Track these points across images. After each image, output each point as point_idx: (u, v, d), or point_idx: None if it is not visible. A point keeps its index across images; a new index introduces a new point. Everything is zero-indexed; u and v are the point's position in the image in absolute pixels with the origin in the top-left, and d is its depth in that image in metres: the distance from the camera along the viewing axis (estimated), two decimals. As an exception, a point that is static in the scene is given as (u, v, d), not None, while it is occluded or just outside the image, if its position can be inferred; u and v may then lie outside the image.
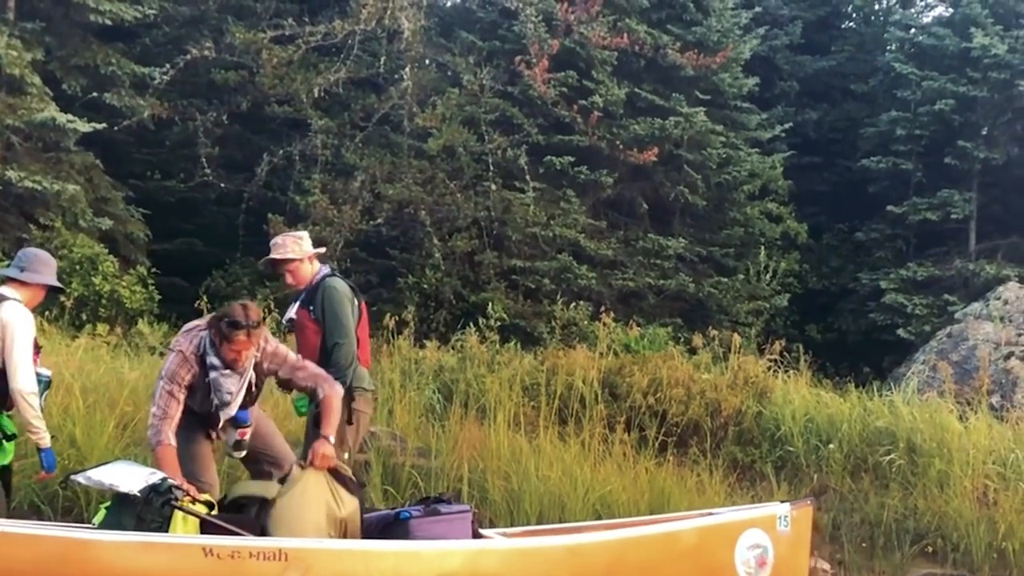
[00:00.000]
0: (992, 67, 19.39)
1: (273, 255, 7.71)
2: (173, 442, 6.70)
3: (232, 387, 6.90)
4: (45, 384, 7.04)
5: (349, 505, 6.66)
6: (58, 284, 7.34)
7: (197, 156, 17.40)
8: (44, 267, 7.13)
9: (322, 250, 8.13)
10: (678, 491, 10.15)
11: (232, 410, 6.95)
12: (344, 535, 6.56)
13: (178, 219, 18.90)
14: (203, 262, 17.95)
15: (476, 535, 6.94)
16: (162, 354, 12.65)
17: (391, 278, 16.81)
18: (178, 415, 6.76)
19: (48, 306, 12.02)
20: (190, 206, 19.06)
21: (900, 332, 18.86)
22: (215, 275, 17.37)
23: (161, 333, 14.55)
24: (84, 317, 14.55)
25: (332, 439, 6.75)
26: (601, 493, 9.71)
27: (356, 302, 7.72)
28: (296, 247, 7.77)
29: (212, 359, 6.82)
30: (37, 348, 7.00)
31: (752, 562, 7.00)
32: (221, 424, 6.99)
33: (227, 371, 6.85)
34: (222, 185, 17.55)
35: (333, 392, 6.96)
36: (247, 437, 7.08)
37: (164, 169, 18.74)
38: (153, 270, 16.39)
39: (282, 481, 6.62)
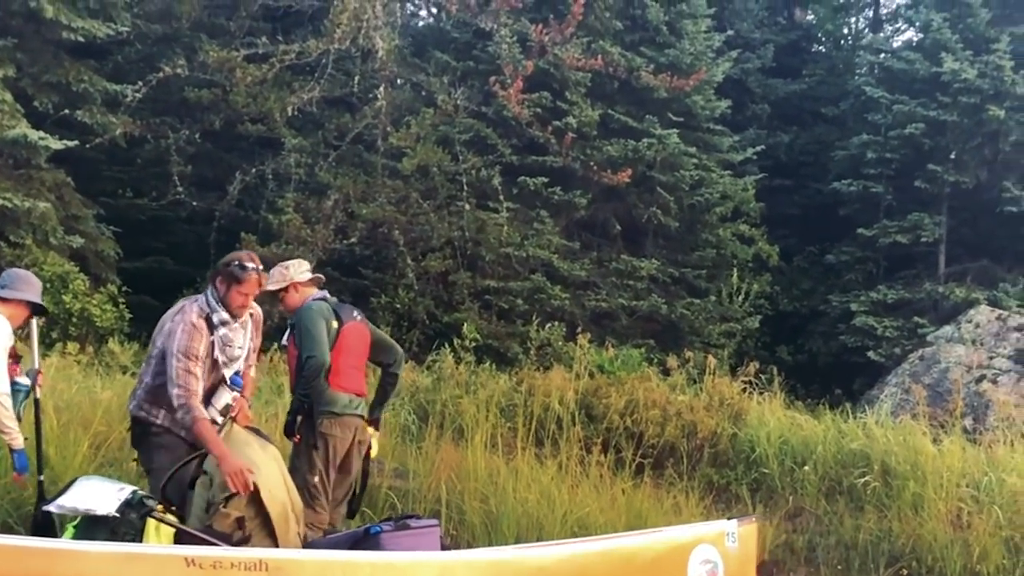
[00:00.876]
0: (962, 91, 19.50)
1: (266, 287, 7.70)
2: (207, 414, 6.80)
3: (240, 341, 7.08)
4: (24, 393, 7.10)
5: (271, 449, 7.02)
6: (39, 302, 7.37)
7: (169, 174, 17.33)
8: (26, 286, 7.28)
9: (305, 277, 8.10)
10: (655, 513, 10.15)
11: (240, 364, 7.07)
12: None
13: (149, 237, 18.82)
14: (174, 281, 17.80)
15: (444, 548, 7.16)
16: (134, 374, 12.61)
17: (364, 298, 16.74)
18: (201, 388, 6.82)
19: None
20: (161, 224, 18.97)
21: (870, 354, 18.90)
22: (186, 294, 17.22)
23: (132, 352, 14.48)
24: (54, 335, 14.44)
25: (250, 404, 7.23)
26: (579, 515, 9.70)
27: (337, 324, 7.71)
28: (279, 275, 7.95)
29: (220, 315, 6.95)
30: (16, 358, 7.06)
31: None
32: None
33: (235, 324, 6.95)
34: (194, 204, 17.46)
35: (249, 376, 7.33)
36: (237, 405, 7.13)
37: (135, 187, 18.64)
38: (124, 288, 16.28)
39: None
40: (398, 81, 17.96)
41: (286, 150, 17.22)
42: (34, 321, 7.66)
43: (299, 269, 8.07)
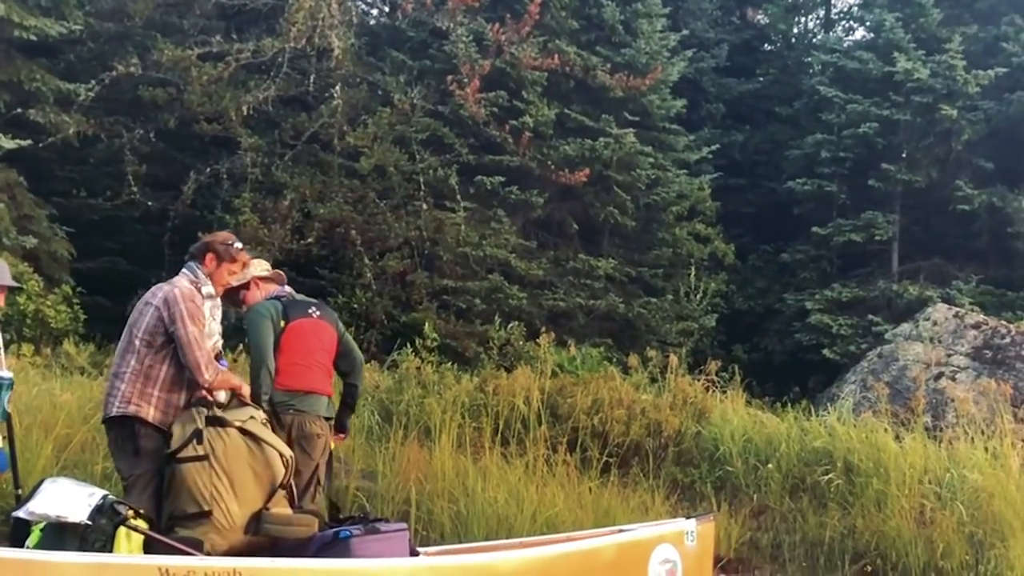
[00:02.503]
0: (915, 91, 19.65)
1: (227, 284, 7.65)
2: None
3: (217, 318, 7.17)
4: (8, 385, 7.00)
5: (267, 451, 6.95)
6: (13, 283, 7.29)
7: (122, 173, 17.16)
8: None
9: (265, 272, 8.02)
10: (622, 512, 10.18)
11: (217, 343, 7.10)
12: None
13: (102, 237, 18.63)
14: (128, 281, 17.62)
15: (413, 552, 7.19)
16: (92, 375, 12.49)
17: (321, 298, 16.47)
18: None
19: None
20: (114, 224, 18.76)
21: (825, 352, 18.99)
22: (140, 295, 17.04)
23: (88, 354, 14.32)
24: (7, 337, 14.23)
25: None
26: (547, 515, 9.70)
27: (283, 322, 7.60)
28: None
29: (208, 288, 7.02)
30: None
31: None
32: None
33: (216, 301, 7.09)
34: (148, 203, 17.28)
35: None
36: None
37: (88, 187, 18.42)
38: (78, 289, 16.12)
39: None
40: (355, 80, 17.78)
41: (242, 149, 17.04)
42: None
43: (260, 266, 8.00)
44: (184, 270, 7.03)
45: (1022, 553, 10.51)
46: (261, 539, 6.85)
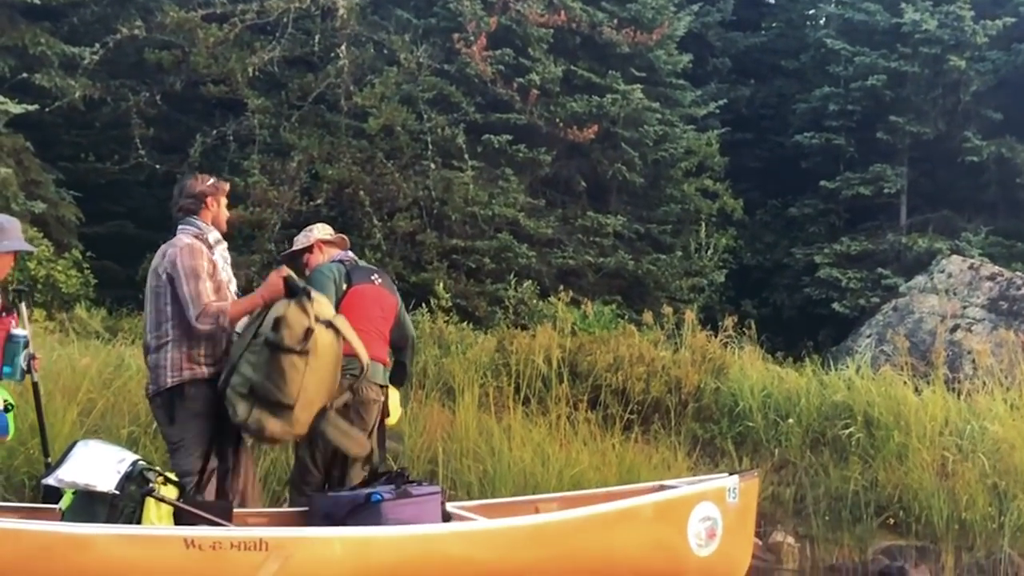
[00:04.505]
0: (923, 42, 19.53)
1: (292, 248, 8.02)
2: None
3: (229, 262, 7.15)
4: (23, 344, 7.00)
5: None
6: (28, 247, 7.26)
7: (128, 137, 17.01)
8: (8, 235, 7.03)
9: (328, 236, 8.19)
10: (645, 468, 10.19)
11: (234, 288, 7.02)
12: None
13: (109, 201, 18.54)
14: (135, 245, 17.51)
15: (445, 514, 7.13)
16: (108, 340, 12.46)
17: (332, 259, 16.57)
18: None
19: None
20: (121, 188, 18.68)
21: (835, 306, 18.98)
22: (149, 258, 16.97)
23: (99, 318, 14.29)
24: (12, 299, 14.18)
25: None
26: (573, 473, 9.70)
27: (345, 286, 7.59)
28: (304, 237, 8.09)
29: (214, 234, 6.99)
30: (8, 310, 6.94)
31: (703, 534, 7.27)
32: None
33: (224, 242, 7.07)
34: (157, 167, 17.17)
35: None
36: None
37: (95, 151, 18.30)
38: (87, 254, 16.07)
39: None
40: (360, 40, 17.64)
41: (249, 111, 16.92)
42: (23, 305, 7.51)
43: (323, 230, 8.17)
44: (182, 227, 6.92)
45: (1045, 504, 10.57)
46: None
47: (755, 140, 22.81)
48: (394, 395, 7.99)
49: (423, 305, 13.86)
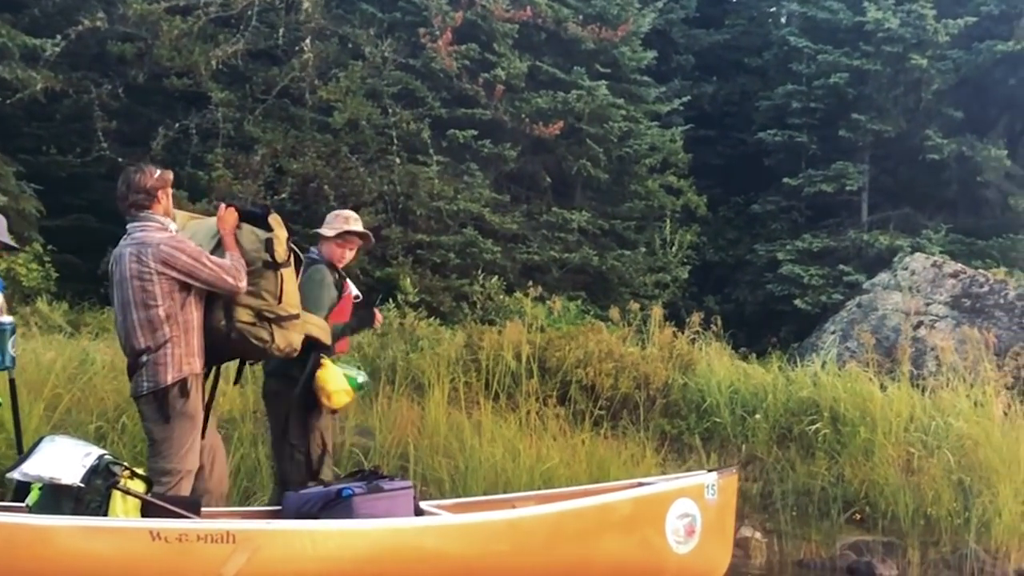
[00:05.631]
0: (885, 41, 19.67)
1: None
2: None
3: None
4: (11, 331, 6.95)
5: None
6: (11, 243, 7.19)
7: (90, 130, 16.82)
8: None
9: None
10: (615, 465, 10.19)
11: None
12: None
13: (70, 194, 18.31)
14: (96, 239, 17.30)
15: (418, 511, 7.10)
16: (71, 334, 12.35)
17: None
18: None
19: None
20: (82, 181, 18.41)
21: (797, 302, 19.05)
22: (110, 252, 16.80)
23: (61, 312, 14.14)
24: (-16, 294, 14.05)
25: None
26: (543, 469, 9.70)
27: (335, 293, 8.07)
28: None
29: (173, 225, 6.96)
30: None
31: (681, 531, 7.31)
32: None
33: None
34: (119, 159, 16.98)
35: None
36: None
37: (56, 143, 18.08)
38: (48, 247, 15.90)
39: None
40: (325, 33, 17.55)
41: (213, 104, 16.81)
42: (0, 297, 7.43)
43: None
44: (141, 223, 6.78)
45: (1009, 499, 10.66)
46: None
47: (718, 137, 22.88)
48: (334, 374, 7.69)
49: (390, 300, 13.80)
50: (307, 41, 16.87)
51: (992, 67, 20.04)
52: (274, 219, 6.97)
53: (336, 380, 7.51)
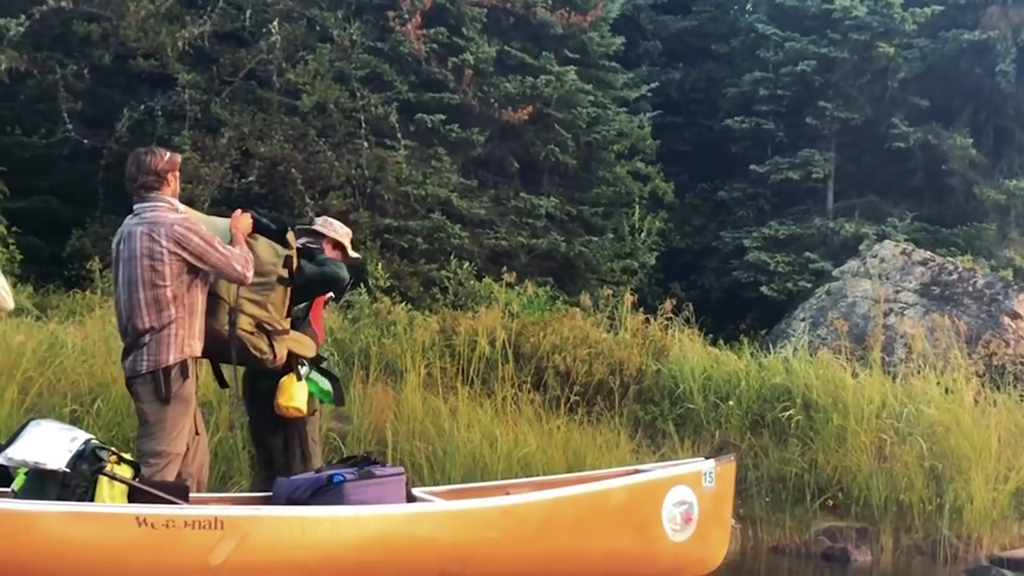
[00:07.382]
0: (852, 29, 19.77)
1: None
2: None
3: None
4: None
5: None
6: None
7: (54, 111, 16.61)
8: None
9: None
10: (591, 450, 10.18)
11: None
12: None
13: (33, 176, 18.07)
14: (60, 221, 17.25)
15: (410, 497, 6.98)
16: (38, 317, 12.21)
17: (261, 237, 16.34)
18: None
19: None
20: (45, 163, 18.19)
21: (763, 289, 19.14)
22: (76, 234, 16.68)
23: (25, 295, 13.97)
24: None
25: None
26: (520, 454, 9.67)
27: None
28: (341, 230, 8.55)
29: (181, 208, 6.99)
30: None
31: (678, 518, 7.19)
32: None
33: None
34: (84, 141, 16.80)
35: None
36: None
37: (20, 124, 17.84)
38: (13, 229, 15.71)
39: None
40: (292, 15, 17.40)
41: (179, 86, 16.64)
42: None
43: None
44: (151, 204, 6.74)
45: (981, 486, 10.74)
46: None
47: (685, 124, 22.84)
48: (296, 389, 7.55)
49: (361, 285, 13.74)
50: (275, 23, 16.68)
51: (958, 56, 20.19)
52: (291, 236, 7.19)
53: (294, 396, 7.45)
